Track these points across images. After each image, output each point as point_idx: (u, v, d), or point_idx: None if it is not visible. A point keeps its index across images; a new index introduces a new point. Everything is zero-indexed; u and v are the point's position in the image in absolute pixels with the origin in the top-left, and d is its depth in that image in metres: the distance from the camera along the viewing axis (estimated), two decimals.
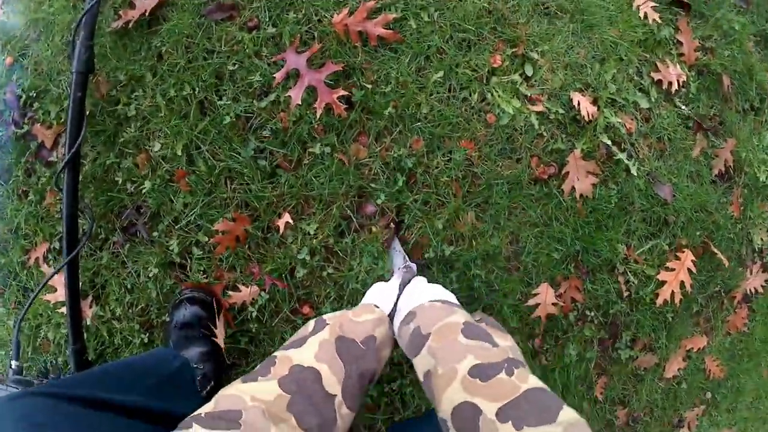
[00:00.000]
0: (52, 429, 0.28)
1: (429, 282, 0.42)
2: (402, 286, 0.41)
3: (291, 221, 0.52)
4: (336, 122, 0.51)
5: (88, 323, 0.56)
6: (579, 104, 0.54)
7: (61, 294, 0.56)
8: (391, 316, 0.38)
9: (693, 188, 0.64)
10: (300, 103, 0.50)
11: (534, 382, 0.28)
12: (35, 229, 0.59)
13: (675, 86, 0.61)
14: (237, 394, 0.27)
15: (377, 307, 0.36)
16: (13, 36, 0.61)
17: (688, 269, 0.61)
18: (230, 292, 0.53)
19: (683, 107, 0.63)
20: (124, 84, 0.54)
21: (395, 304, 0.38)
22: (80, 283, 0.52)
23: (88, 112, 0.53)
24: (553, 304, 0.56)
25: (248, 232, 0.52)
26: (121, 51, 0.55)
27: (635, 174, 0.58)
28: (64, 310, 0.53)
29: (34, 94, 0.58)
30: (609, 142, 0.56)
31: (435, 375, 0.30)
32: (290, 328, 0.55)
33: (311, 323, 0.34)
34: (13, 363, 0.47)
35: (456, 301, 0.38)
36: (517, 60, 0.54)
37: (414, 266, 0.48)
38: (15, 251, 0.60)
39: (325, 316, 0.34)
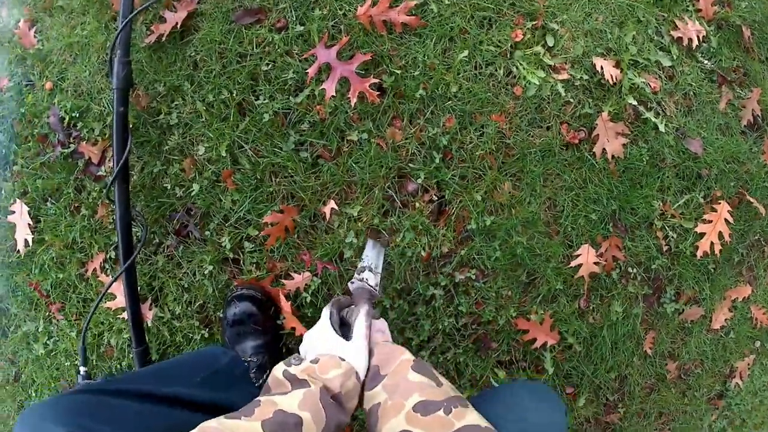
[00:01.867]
0: (93, 421, 0.31)
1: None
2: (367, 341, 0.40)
3: (336, 207, 0.57)
4: (370, 109, 0.56)
5: (149, 325, 0.62)
6: (602, 68, 0.58)
7: (120, 301, 0.62)
8: (366, 374, 0.38)
9: (723, 140, 0.67)
10: (334, 94, 0.55)
11: (471, 419, 0.32)
12: (90, 241, 0.65)
13: (695, 42, 0.64)
14: (220, 428, 0.29)
15: (343, 359, 0.37)
16: (50, 62, 0.67)
17: (726, 220, 0.65)
18: (284, 281, 0.58)
19: (705, 62, 0.67)
20: (164, 95, 0.60)
21: (368, 363, 0.39)
22: (139, 288, 0.57)
23: (131, 125, 0.59)
24: (595, 263, 0.60)
25: (296, 222, 0.58)
26: (157, 64, 0.61)
27: (664, 131, 0.62)
28: (124, 315, 0.59)
29: (77, 114, 0.64)
30: (635, 103, 0.60)
31: (384, 406, 0.34)
32: None
33: (283, 379, 0.35)
34: (82, 369, 0.53)
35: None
36: (537, 32, 0.59)
37: (376, 294, 0.47)
38: (72, 265, 0.66)
39: (293, 371, 0.35)
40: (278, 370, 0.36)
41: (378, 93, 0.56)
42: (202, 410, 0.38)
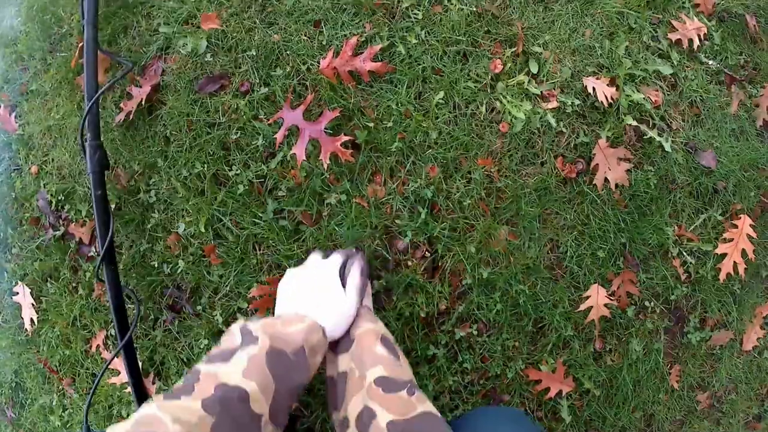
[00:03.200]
0: None
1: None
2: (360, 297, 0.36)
3: None
4: (346, 168, 0.50)
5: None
6: (594, 90, 0.50)
7: (124, 376, 0.59)
8: (338, 340, 0.35)
9: (738, 147, 0.58)
10: (306, 158, 0.49)
11: (430, 407, 0.30)
12: (91, 319, 0.62)
13: (697, 42, 0.55)
14: (158, 414, 0.25)
15: (305, 316, 0.34)
16: (33, 146, 0.64)
17: (747, 235, 0.55)
18: None
19: (710, 62, 0.57)
20: (140, 173, 0.56)
21: (348, 331, 0.35)
22: (140, 363, 0.54)
23: (114, 206, 0.55)
24: (605, 305, 0.52)
25: None
26: (130, 142, 0.56)
27: (670, 150, 0.53)
28: (130, 390, 0.56)
29: (63, 197, 0.61)
30: (635, 123, 0.52)
31: (351, 377, 0.31)
32: None
33: (237, 333, 0.31)
34: None
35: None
36: (519, 59, 0.51)
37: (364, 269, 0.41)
38: (77, 342, 0.64)
39: (251, 326, 0.31)
40: (236, 324, 0.32)
41: (351, 151, 0.49)
42: None
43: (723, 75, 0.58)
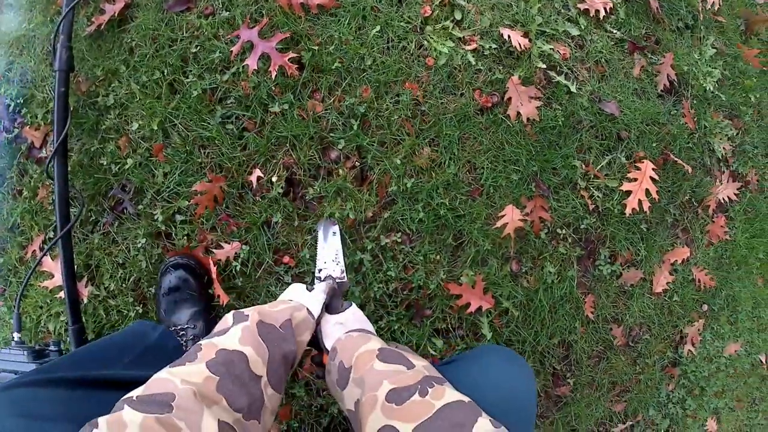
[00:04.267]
0: (34, 418, 0.31)
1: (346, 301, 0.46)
2: (326, 296, 0.43)
3: (262, 176, 0.62)
4: (290, 82, 0.62)
5: (85, 302, 0.64)
6: (510, 37, 0.65)
7: (57, 279, 0.65)
8: (318, 319, 0.40)
9: (640, 103, 0.73)
10: (257, 68, 0.61)
11: (450, 396, 0.30)
12: (30, 224, 0.69)
13: (603, 13, 0.72)
14: (167, 377, 0.30)
15: (291, 300, 0.40)
16: None
17: (651, 178, 0.69)
18: (214, 251, 0.62)
19: (615, 31, 0.74)
20: (102, 79, 0.66)
21: (321, 309, 0.41)
22: (75, 267, 0.60)
23: (71, 108, 0.65)
24: (520, 220, 0.63)
25: (224, 191, 0.62)
26: (96, 51, 0.67)
27: (575, 91, 0.68)
28: (62, 295, 0.62)
29: (22, 101, 0.70)
30: (545, 66, 0.67)
31: (361, 403, 0.33)
32: (274, 280, 0.63)
33: (230, 317, 0.37)
34: (15, 335, 0.55)
35: (371, 329, 0.42)
36: (446, 8, 0.66)
37: (345, 283, 0.48)
38: (13, 249, 0.70)
39: (242, 310, 0.38)
40: (230, 313, 0.38)
41: (297, 66, 0.61)
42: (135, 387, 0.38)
43: (626, 43, 0.75)
